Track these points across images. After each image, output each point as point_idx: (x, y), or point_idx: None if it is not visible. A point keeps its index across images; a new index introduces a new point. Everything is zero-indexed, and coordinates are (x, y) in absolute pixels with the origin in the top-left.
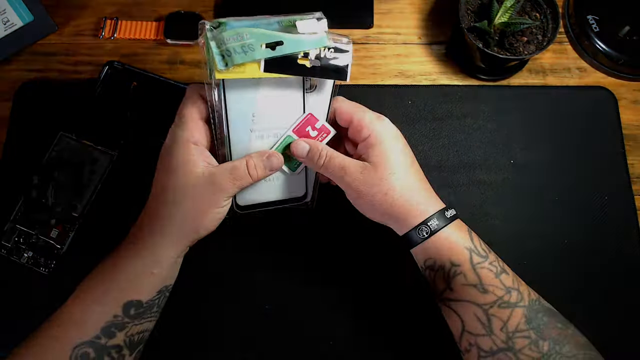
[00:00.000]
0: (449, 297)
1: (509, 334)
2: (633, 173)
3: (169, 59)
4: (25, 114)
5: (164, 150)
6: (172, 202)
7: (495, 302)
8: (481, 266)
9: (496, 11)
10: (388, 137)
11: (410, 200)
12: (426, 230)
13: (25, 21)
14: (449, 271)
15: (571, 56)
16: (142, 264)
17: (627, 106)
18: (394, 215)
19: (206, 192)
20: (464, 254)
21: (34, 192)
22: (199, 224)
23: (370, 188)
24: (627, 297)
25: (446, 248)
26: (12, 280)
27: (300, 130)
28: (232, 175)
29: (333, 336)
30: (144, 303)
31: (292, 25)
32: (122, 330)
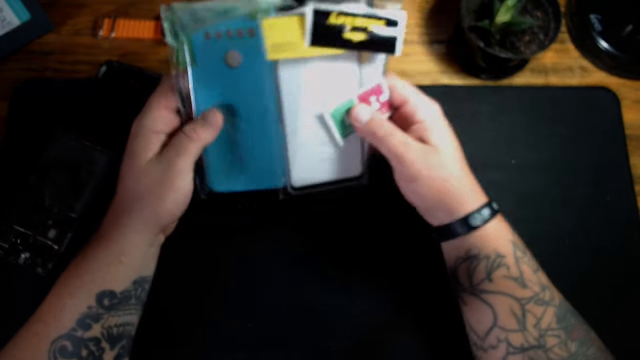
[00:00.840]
0: (485, 288)
1: (541, 332)
2: (635, 173)
3: (167, 57)
4: (22, 113)
5: (128, 140)
6: (131, 190)
7: (532, 297)
8: (522, 260)
9: (497, 10)
10: (444, 124)
11: (465, 189)
12: (479, 218)
13: (22, 20)
14: (493, 262)
15: (573, 55)
16: (110, 254)
17: (629, 106)
18: (447, 202)
19: (159, 175)
20: (509, 247)
21: (31, 193)
22: (158, 209)
23: (431, 171)
24: (628, 297)
25: (493, 238)
26: (10, 281)
27: (364, 98)
28: (175, 149)
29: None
30: (118, 294)
31: None
32: (97, 322)
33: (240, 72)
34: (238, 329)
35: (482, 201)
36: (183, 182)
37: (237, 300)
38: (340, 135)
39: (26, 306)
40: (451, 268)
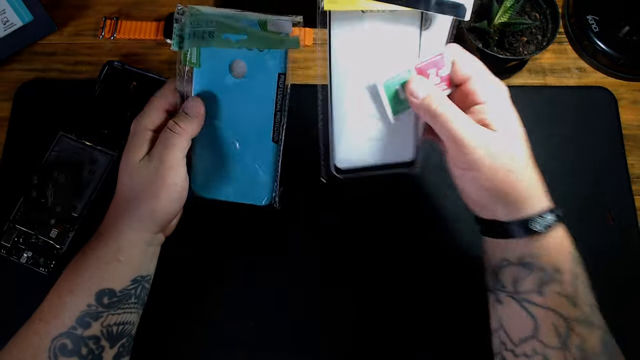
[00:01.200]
0: (532, 300)
1: (584, 354)
2: (633, 173)
3: (168, 59)
4: (25, 114)
5: (128, 138)
6: (127, 188)
7: (579, 317)
8: (579, 279)
9: (496, 11)
10: (510, 108)
11: (530, 186)
12: (542, 224)
13: (25, 21)
14: (549, 276)
15: (571, 56)
16: (109, 252)
17: (626, 106)
18: (508, 198)
19: (151, 173)
20: (569, 262)
21: (34, 192)
22: (154, 207)
23: (494, 160)
24: (627, 297)
25: (554, 250)
26: (12, 280)
27: (423, 70)
28: (162, 144)
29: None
30: (118, 292)
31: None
32: (97, 320)
33: (242, 83)
34: (239, 328)
35: (546, 204)
36: (176, 179)
37: (239, 299)
38: (392, 111)
39: (28, 305)
40: (493, 266)
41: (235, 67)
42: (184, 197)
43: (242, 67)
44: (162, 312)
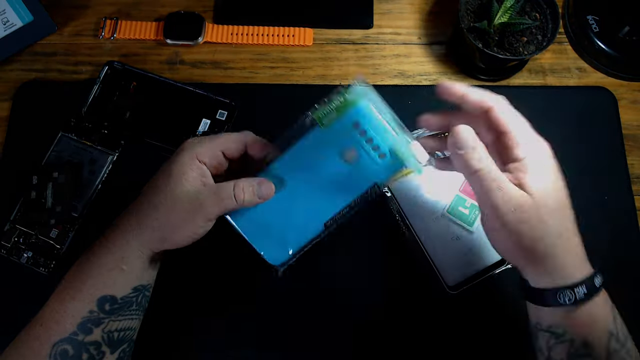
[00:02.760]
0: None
1: None
2: (633, 173)
3: (168, 59)
4: (25, 114)
5: (173, 156)
6: (153, 205)
7: None
8: (617, 354)
9: (496, 11)
10: (553, 168)
11: (560, 255)
12: (570, 297)
13: (25, 21)
14: (577, 350)
15: (571, 56)
16: (112, 260)
17: (626, 106)
18: (536, 265)
19: (186, 209)
20: (603, 338)
21: (34, 193)
22: (167, 236)
23: (521, 225)
24: (627, 297)
25: (585, 324)
26: (12, 281)
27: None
28: (217, 195)
29: None
30: (119, 299)
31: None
32: (98, 326)
33: (340, 167)
34: (240, 329)
35: (580, 275)
36: (203, 229)
37: (239, 300)
38: (468, 224)
39: (28, 305)
40: (530, 327)
41: (348, 152)
42: (199, 238)
43: (353, 157)
44: (163, 318)
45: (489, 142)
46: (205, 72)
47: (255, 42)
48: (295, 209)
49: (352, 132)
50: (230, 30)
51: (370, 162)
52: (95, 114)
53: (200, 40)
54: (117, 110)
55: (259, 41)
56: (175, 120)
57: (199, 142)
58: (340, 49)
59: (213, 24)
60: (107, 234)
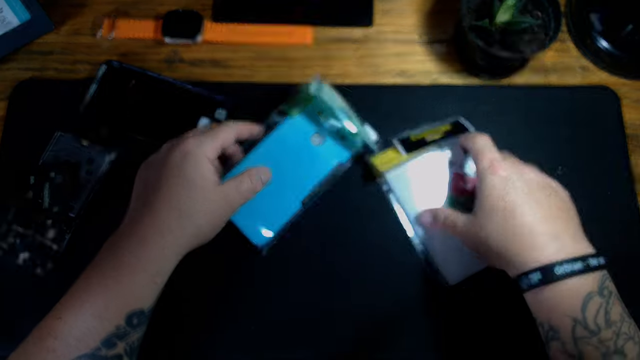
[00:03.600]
0: (546, 351)
1: None
2: (636, 172)
3: (167, 57)
4: (21, 113)
5: (181, 156)
6: (187, 215)
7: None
8: (585, 341)
9: (498, 10)
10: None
11: (511, 249)
12: (526, 282)
13: (22, 20)
14: (547, 332)
15: (573, 55)
16: (147, 276)
17: (630, 105)
18: (497, 260)
19: (219, 208)
20: (565, 322)
21: (31, 193)
22: (206, 236)
23: (473, 237)
24: (627, 297)
25: (546, 308)
26: (9, 281)
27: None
28: (238, 190)
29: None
30: (146, 311)
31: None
32: (122, 340)
33: (311, 149)
34: (241, 331)
35: (534, 264)
36: (230, 217)
37: (240, 302)
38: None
39: (25, 306)
40: None
41: (315, 138)
42: None
43: (320, 141)
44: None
45: None
46: (204, 70)
47: (254, 41)
48: (274, 191)
49: (316, 120)
50: (229, 29)
51: (334, 143)
52: (93, 113)
53: (199, 38)
54: (115, 109)
55: (258, 40)
56: (174, 119)
57: (201, 142)
58: (341, 47)
59: (212, 22)
60: (136, 251)
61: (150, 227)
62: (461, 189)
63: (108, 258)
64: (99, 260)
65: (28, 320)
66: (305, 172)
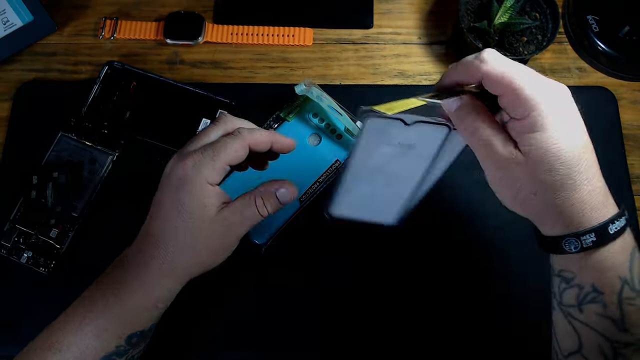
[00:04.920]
0: (574, 315)
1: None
2: (633, 173)
3: (168, 59)
4: (25, 114)
5: (178, 183)
6: (186, 245)
7: (631, 344)
8: (630, 302)
9: (496, 11)
10: (555, 123)
11: (566, 204)
12: (575, 244)
13: (25, 21)
14: (587, 295)
15: (571, 56)
16: (149, 302)
17: (627, 106)
18: (538, 216)
19: (220, 236)
20: (614, 285)
21: (34, 192)
22: (209, 265)
23: (514, 182)
24: None
25: (595, 270)
26: (12, 280)
27: None
28: (242, 215)
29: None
30: (147, 330)
31: None
32: (122, 356)
33: (308, 149)
34: (241, 331)
35: (590, 223)
36: (235, 244)
37: (240, 301)
38: None
39: (28, 305)
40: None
41: (312, 138)
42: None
43: (317, 141)
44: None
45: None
46: (205, 72)
47: (255, 42)
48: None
49: (313, 122)
50: (230, 30)
51: (330, 143)
52: (95, 113)
53: (200, 40)
54: (117, 110)
55: (258, 41)
56: (175, 120)
57: (202, 165)
58: (340, 48)
59: (213, 23)
60: (141, 274)
61: (154, 253)
62: None
63: (114, 276)
64: (105, 276)
65: (31, 320)
66: (303, 172)
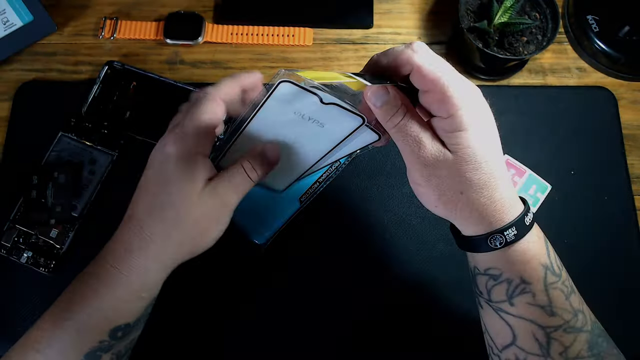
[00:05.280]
0: (505, 310)
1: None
2: (633, 173)
3: (168, 59)
4: (25, 114)
5: (163, 157)
6: (171, 223)
7: (560, 326)
8: (554, 286)
9: (496, 11)
10: (478, 122)
11: (489, 203)
12: (500, 240)
13: (25, 21)
14: (517, 287)
15: (571, 56)
16: (129, 292)
17: (626, 106)
18: (463, 216)
19: (208, 210)
20: (539, 272)
21: (34, 192)
22: (198, 244)
23: (442, 181)
24: (627, 297)
25: (520, 262)
26: (12, 280)
27: None
28: (231, 183)
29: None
30: (132, 323)
31: None
32: (107, 352)
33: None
34: (240, 331)
35: (509, 217)
36: (227, 221)
37: (240, 301)
38: None
39: (28, 305)
40: (470, 271)
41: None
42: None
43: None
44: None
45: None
46: (206, 72)
47: (255, 42)
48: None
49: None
50: (230, 30)
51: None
52: (95, 113)
53: (200, 40)
54: (117, 110)
55: (259, 41)
56: None
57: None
58: (340, 48)
59: (213, 23)
60: (118, 262)
61: (135, 236)
62: None
63: (95, 267)
64: (87, 268)
65: (31, 320)
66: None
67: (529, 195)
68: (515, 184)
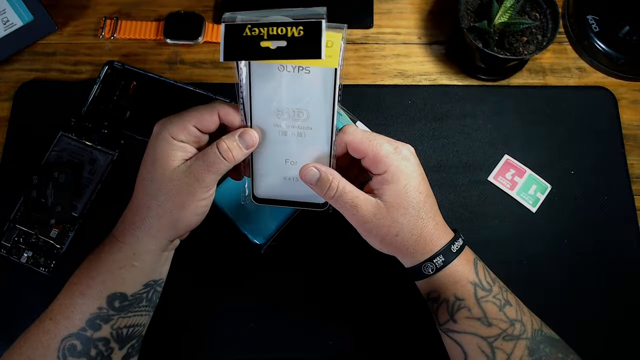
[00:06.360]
0: (452, 329)
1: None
2: (633, 173)
3: (168, 58)
4: (25, 114)
5: (149, 142)
6: (151, 195)
7: (499, 335)
8: (485, 300)
9: (496, 11)
10: (405, 175)
11: (420, 239)
12: (431, 267)
13: (25, 21)
14: (453, 304)
15: (571, 56)
16: (123, 257)
17: (627, 106)
18: (402, 252)
19: (183, 185)
20: (469, 289)
21: (34, 192)
22: (176, 218)
23: (380, 229)
24: (626, 297)
25: (450, 283)
26: (12, 280)
27: None
28: (205, 162)
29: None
30: (129, 296)
31: None
32: (107, 323)
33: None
34: (240, 331)
35: (438, 247)
36: (206, 194)
37: (240, 301)
38: None
39: (28, 305)
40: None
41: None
42: (206, 212)
43: None
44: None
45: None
46: (206, 71)
47: None
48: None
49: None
50: None
51: None
52: (95, 113)
53: (200, 39)
54: (117, 110)
55: None
56: None
57: (169, 122)
58: None
59: (213, 23)
60: (114, 233)
61: (129, 210)
62: None
63: (103, 241)
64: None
65: (31, 320)
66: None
67: (529, 195)
68: (516, 184)
